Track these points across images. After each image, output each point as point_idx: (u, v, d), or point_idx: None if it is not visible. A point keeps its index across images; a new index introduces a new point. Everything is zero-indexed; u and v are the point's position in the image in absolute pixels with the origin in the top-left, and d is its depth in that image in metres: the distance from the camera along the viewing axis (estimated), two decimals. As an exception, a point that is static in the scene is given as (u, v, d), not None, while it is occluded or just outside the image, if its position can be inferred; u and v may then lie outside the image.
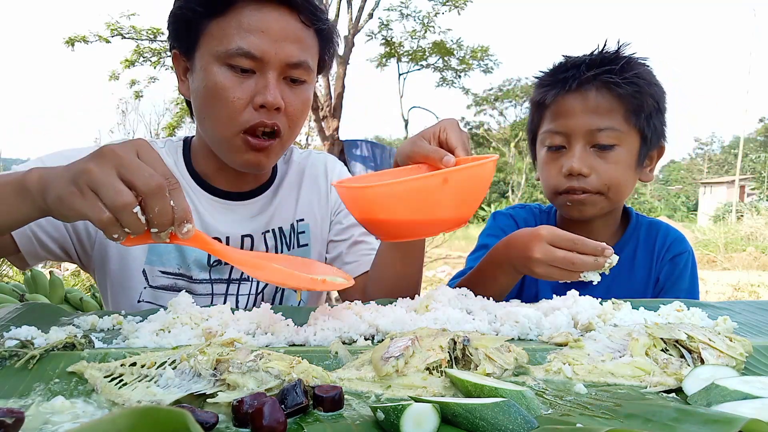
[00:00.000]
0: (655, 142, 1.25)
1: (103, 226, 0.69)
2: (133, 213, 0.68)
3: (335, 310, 0.83)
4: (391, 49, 10.87)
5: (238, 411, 0.48)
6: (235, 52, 1.01)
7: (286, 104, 1.05)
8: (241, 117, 1.04)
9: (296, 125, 1.10)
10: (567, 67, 1.23)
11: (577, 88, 1.19)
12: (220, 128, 1.06)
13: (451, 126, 0.97)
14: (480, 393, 0.53)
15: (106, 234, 0.71)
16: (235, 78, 1.03)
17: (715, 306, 1.00)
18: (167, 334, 0.75)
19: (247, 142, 1.05)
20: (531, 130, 1.35)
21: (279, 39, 1.02)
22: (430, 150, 0.94)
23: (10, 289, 2.58)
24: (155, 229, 0.71)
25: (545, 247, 0.96)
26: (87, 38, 8.77)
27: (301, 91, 1.09)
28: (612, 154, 1.19)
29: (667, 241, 1.32)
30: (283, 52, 1.02)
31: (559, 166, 1.21)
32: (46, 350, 0.65)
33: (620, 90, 1.17)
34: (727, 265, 10.79)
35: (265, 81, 1.03)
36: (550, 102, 1.23)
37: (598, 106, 1.18)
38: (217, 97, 1.03)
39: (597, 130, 1.18)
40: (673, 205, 35.16)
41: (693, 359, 0.65)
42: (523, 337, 0.80)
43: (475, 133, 16.03)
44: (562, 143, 1.22)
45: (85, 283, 4.65)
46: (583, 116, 1.18)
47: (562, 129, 1.21)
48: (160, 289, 1.16)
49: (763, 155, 30.43)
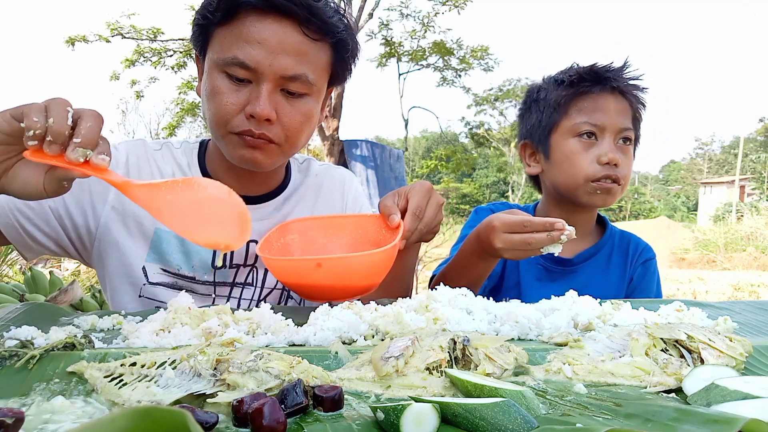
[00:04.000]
0: (636, 144, 1.44)
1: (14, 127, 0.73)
2: (41, 113, 0.72)
3: (335, 310, 0.83)
4: (391, 49, 10.86)
5: (238, 411, 0.48)
6: (231, 61, 1.03)
7: (281, 116, 1.06)
8: (232, 121, 1.06)
9: (296, 136, 1.11)
10: (605, 69, 1.36)
11: (614, 89, 1.35)
12: (215, 128, 1.09)
13: (419, 190, 1.08)
14: (480, 393, 0.53)
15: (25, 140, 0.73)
16: (231, 85, 1.05)
17: (715, 306, 1.00)
18: (167, 334, 0.75)
19: (243, 139, 1.08)
20: (545, 125, 1.42)
21: (275, 51, 1.02)
22: (386, 206, 1.08)
23: (10, 289, 2.59)
24: (49, 138, 0.72)
25: (502, 235, 1.07)
26: (87, 38, 8.77)
27: (301, 104, 1.09)
28: (629, 150, 1.37)
29: (639, 247, 1.50)
30: (278, 64, 1.03)
31: (593, 156, 1.33)
32: (46, 350, 0.65)
33: (632, 99, 1.37)
34: (727, 265, 10.79)
35: (258, 92, 1.04)
36: (593, 95, 1.35)
37: (624, 108, 1.36)
38: (213, 100, 1.06)
39: (624, 128, 1.35)
40: (673, 205, 35.17)
41: (693, 359, 0.65)
42: (523, 337, 0.80)
43: (475, 133, 16.03)
44: (596, 133, 1.35)
45: (85, 283, 4.65)
46: (616, 114, 1.34)
47: (599, 122, 1.33)
48: (160, 286, 1.16)
49: (763, 155, 30.43)
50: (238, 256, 1.20)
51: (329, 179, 1.36)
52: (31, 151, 0.73)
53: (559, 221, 1.02)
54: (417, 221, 1.06)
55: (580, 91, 1.35)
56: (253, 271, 1.22)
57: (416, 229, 1.06)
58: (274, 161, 1.13)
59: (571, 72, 1.39)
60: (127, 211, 1.14)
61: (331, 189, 1.35)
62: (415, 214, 1.05)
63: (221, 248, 0.81)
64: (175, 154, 1.23)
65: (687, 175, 44.10)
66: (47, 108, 0.72)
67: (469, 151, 15.31)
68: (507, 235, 1.07)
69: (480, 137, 15.43)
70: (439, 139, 25.43)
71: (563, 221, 1.02)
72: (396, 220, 1.05)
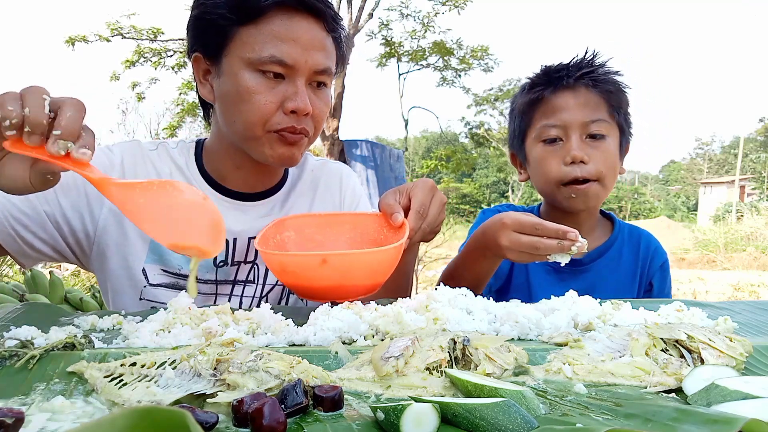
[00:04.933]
0: (628, 136, 1.39)
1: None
2: (16, 102, 0.69)
3: (335, 310, 0.83)
4: (391, 49, 10.86)
5: (238, 411, 0.48)
6: (268, 59, 1.05)
7: (313, 108, 1.09)
8: (272, 119, 1.07)
9: (320, 125, 1.16)
10: (557, 69, 1.34)
11: (570, 85, 1.31)
12: (252, 128, 1.08)
13: (422, 188, 1.07)
14: (480, 393, 0.53)
15: None
16: (266, 82, 1.06)
17: (715, 306, 1.00)
18: (167, 334, 0.75)
19: (282, 137, 1.09)
20: (518, 134, 1.41)
21: (308, 48, 1.07)
22: (388, 204, 1.07)
23: (10, 289, 2.59)
24: (27, 128, 0.69)
25: (511, 234, 1.04)
26: (87, 38, 8.77)
27: (324, 94, 1.14)
28: (603, 144, 1.30)
29: (651, 246, 1.44)
30: (313, 60, 1.07)
31: (560, 158, 1.30)
32: (46, 350, 0.65)
33: (606, 87, 1.31)
34: (727, 265, 10.79)
35: (294, 87, 1.07)
36: (547, 98, 1.32)
37: (588, 101, 1.30)
38: (249, 100, 1.06)
39: (590, 122, 1.29)
40: (673, 205, 35.17)
41: (693, 359, 0.65)
42: (523, 337, 0.80)
43: (475, 133, 16.02)
44: (559, 135, 1.31)
45: (85, 283, 4.66)
46: (578, 110, 1.30)
47: (560, 122, 1.30)
48: (161, 287, 1.16)
49: (763, 155, 30.43)
50: (240, 253, 1.20)
51: (326, 174, 1.36)
52: (11, 141, 0.71)
53: (572, 231, 0.99)
54: (421, 220, 1.05)
55: (537, 95, 1.33)
56: (254, 268, 1.22)
57: (420, 228, 1.05)
58: (303, 155, 1.17)
59: (529, 80, 1.39)
60: None
61: (329, 184, 1.35)
62: (419, 212, 1.05)
63: (193, 254, 0.78)
64: (172, 154, 1.22)
65: (687, 175, 44.09)
66: (23, 96, 0.70)
67: (469, 151, 15.29)
68: (516, 235, 1.04)
69: (480, 137, 15.42)
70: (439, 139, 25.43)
71: (577, 232, 0.99)
72: (399, 219, 1.03)
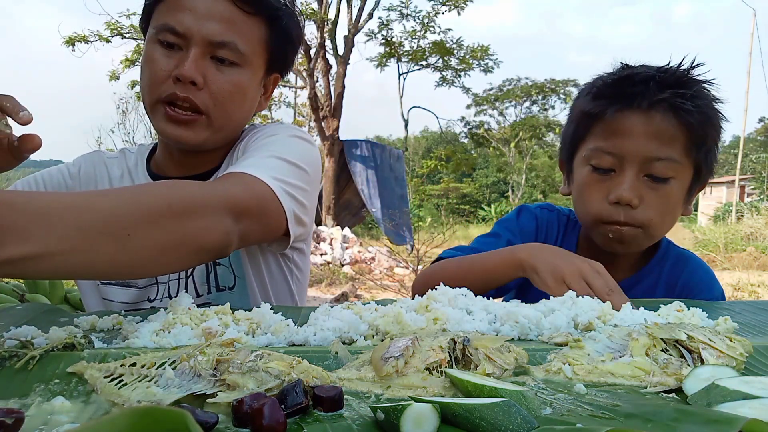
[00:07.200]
0: (705, 177, 1.13)
1: None
2: None
3: (335, 310, 0.83)
4: (391, 49, 10.87)
5: (238, 411, 0.48)
6: (162, 27, 1.08)
7: (209, 82, 1.08)
8: (160, 87, 1.09)
9: (225, 106, 1.11)
10: (634, 81, 1.08)
11: (643, 107, 1.05)
12: (145, 98, 1.12)
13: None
14: (480, 393, 0.53)
15: None
16: (161, 51, 1.09)
17: (715, 306, 1.00)
18: (167, 334, 0.75)
19: (166, 112, 1.09)
20: (571, 141, 1.18)
21: (204, 17, 1.06)
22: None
23: (10, 289, 2.58)
24: None
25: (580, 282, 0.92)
26: (87, 38, 8.78)
27: (231, 72, 1.11)
28: (665, 188, 1.07)
29: (693, 280, 1.18)
30: (206, 29, 1.06)
31: (605, 192, 1.08)
32: (46, 350, 0.65)
33: (689, 118, 1.04)
34: (727, 265, 10.79)
35: (186, 56, 1.07)
36: (610, 115, 1.07)
37: (661, 132, 1.04)
38: (146, 70, 1.10)
39: (656, 159, 1.05)
40: (673, 205, 34.99)
41: (693, 359, 0.65)
42: (523, 337, 0.80)
43: (475, 133, 16.00)
44: (612, 166, 1.08)
45: (85, 283, 4.64)
46: (644, 140, 1.05)
47: (617, 150, 1.06)
48: (110, 285, 1.19)
49: (763, 155, 30.43)
50: None
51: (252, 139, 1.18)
52: None
53: None
54: None
55: (597, 110, 1.09)
56: None
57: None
58: (203, 138, 1.12)
59: (598, 82, 1.13)
60: None
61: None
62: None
63: None
64: (128, 158, 1.28)
65: (687, 175, 43.99)
66: None
67: (469, 151, 15.29)
68: (583, 285, 0.91)
69: (480, 137, 15.42)
70: (439, 139, 25.41)
71: None
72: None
